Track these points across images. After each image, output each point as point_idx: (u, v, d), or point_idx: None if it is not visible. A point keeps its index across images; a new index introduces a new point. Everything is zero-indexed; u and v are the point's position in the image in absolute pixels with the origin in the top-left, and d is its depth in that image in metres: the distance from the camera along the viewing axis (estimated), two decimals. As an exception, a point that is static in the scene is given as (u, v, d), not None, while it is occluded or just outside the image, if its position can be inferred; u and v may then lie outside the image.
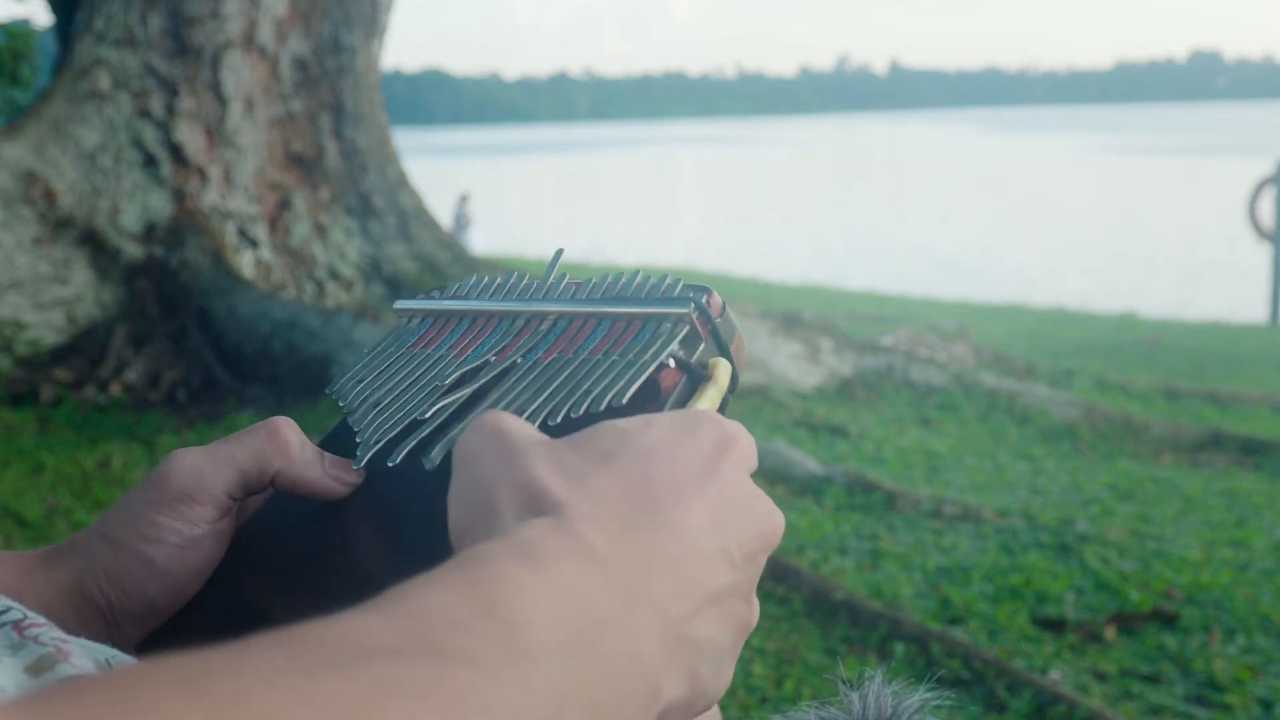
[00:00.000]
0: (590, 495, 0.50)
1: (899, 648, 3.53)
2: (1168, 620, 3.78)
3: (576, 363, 0.66)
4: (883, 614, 3.71)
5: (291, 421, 0.67)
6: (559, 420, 0.63)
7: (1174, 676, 3.44)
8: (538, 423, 0.63)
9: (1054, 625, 3.76)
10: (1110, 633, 3.69)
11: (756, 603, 0.55)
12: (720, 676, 0.52)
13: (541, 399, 0.64)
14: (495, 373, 0.68)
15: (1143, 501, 5.15)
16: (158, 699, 0.34)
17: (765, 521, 0.55)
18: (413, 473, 0.64)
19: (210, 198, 7.19)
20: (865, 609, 3.75)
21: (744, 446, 0.56)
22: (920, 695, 0.77)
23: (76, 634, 0.59)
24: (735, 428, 0.57)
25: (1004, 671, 3.33)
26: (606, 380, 0.64)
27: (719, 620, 0.51)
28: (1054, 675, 3.41)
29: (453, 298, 0.76)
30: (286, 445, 0.65)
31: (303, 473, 0.66)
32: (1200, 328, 11.62)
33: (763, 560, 0.55)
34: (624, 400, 0.62)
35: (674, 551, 0.50)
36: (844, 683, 0.77)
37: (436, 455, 0.63)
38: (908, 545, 4.46)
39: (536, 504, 0.50)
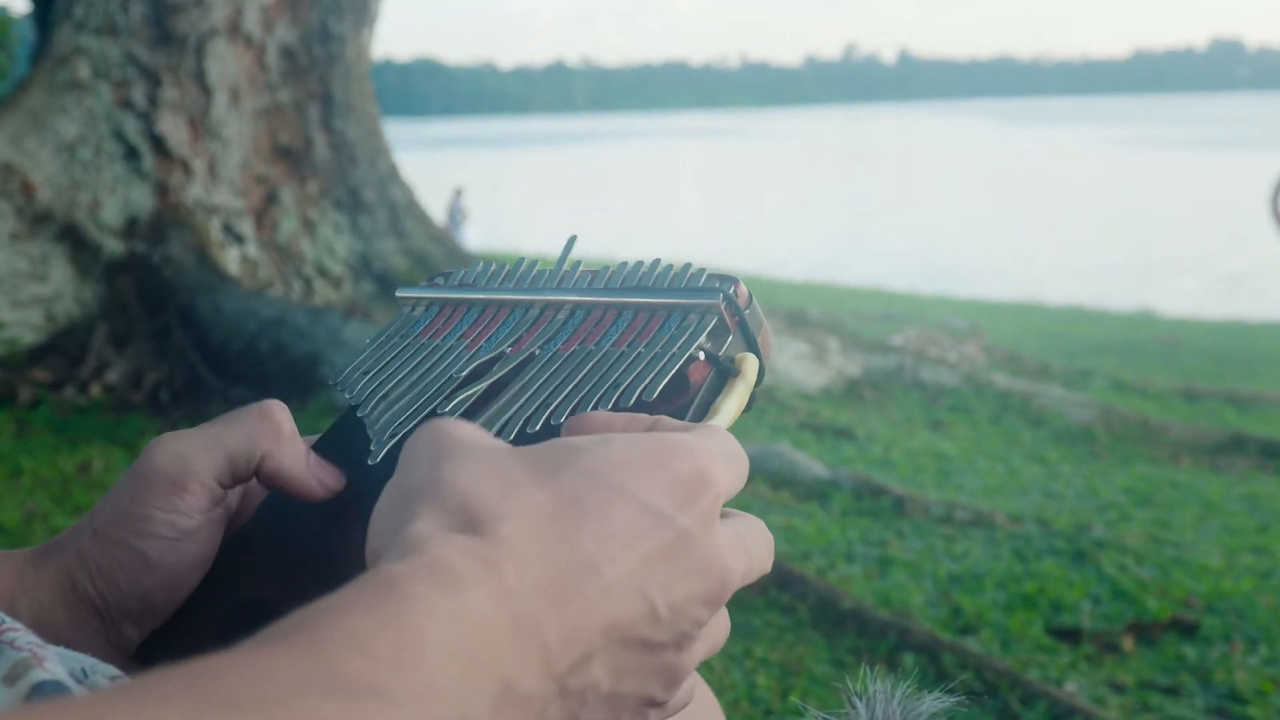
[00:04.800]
0: (518, 510, 0.48)
1: (908, 658, 3.50)
2: (1187, 630, 3.75)
3: (600, 355, 0.65)
4: (891, 623, 3.69)
5: (284, 406, 0.66)
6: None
7: (1194, 688, 3.41)
8: (563, 417, 0.62)
9: (1069, 635, 3.73)
10: (1128, 643, 3.67)
11: (693, 655, 0.53)
12: None
13: (566, 392, 0.64)
14: (513, 365, 0.68)
15: (1161, 506, 5.12)
16: None
17: (707, 581, 0.51)
18: None
19: (194, 191, 7.15)
20: (873, 618, 3.74)
21: (714, 498, 0.53)
22: (929, 706, 0.76)
23: (71, 634, 0.62)
24: (713, 473, 0.53)
25: (1018, 683, 3.30)
26: (635, 373, 0.63)
27: (619, 671, 0.49)
28: (1070, 687, 3.38)
29: (459, 286, 0.75)
30: (279, 429, 0.65)
31: (288, 463, 0.65)
32: (1220, 326, 11.72)
33: (702, 617, 0.52)
34: (654, 395, 0.62)
35: (584, 589, 0.47)
36: (851, 694, 0.77)
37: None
38: (917, 552, 4.43)
39: (463, 512, 0.48)
